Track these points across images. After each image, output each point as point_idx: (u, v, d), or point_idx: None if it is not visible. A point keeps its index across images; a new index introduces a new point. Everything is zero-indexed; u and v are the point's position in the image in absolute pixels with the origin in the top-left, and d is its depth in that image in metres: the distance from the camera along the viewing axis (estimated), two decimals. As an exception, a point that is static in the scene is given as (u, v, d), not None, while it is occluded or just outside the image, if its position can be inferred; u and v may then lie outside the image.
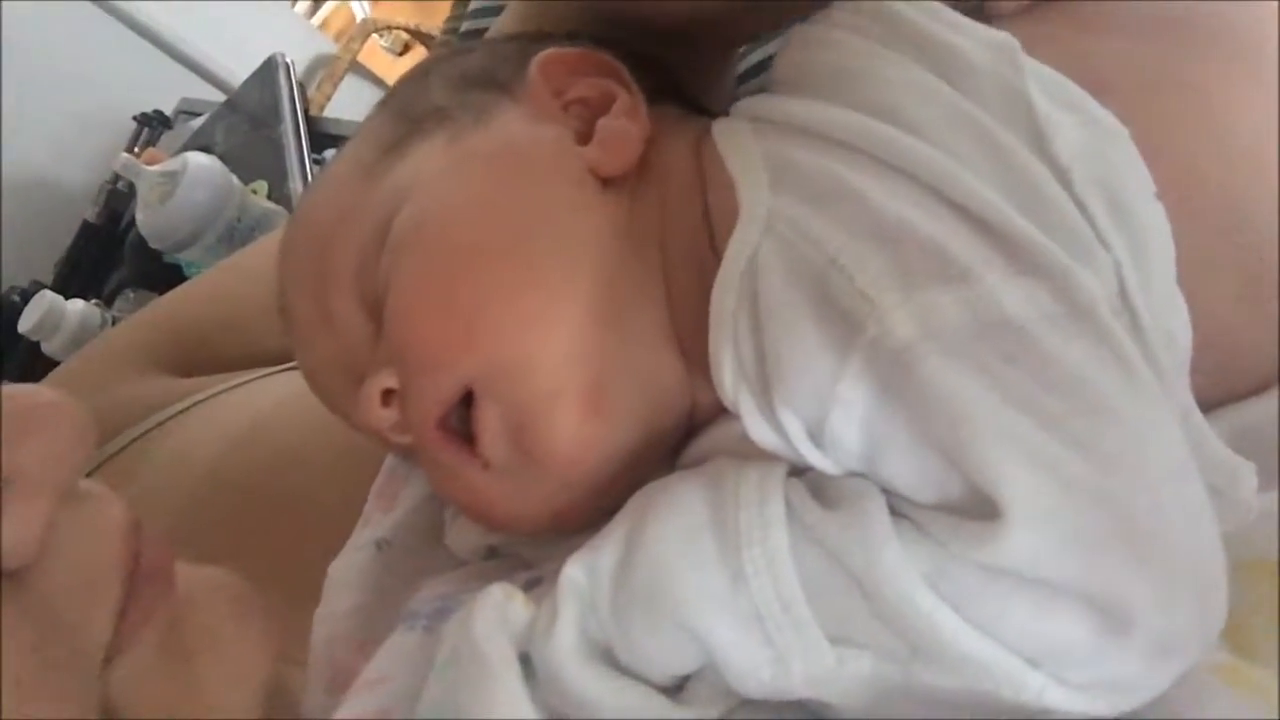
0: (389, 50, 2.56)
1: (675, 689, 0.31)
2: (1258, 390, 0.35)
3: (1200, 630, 0.26)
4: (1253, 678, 0.27)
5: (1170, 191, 0.32)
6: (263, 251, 0.73)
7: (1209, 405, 0.33)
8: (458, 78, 0.42)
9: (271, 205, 1.21)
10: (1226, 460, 0.31)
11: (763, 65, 0.44)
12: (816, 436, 0.29)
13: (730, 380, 0.31)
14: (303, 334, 0.41)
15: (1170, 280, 0.32)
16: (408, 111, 0.42)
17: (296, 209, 0.45)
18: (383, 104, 0.45)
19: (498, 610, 0.31)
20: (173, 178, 1.14)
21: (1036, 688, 0.26)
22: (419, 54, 2.48)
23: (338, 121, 1.41)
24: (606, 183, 0.38)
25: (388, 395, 0.36)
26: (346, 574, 0.43)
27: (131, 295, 1.33)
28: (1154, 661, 0.26)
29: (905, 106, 0.33)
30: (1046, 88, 0.33)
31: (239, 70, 1.70)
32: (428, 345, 0.35)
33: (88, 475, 0.35)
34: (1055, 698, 0.26)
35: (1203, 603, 0.26)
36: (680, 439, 0.37)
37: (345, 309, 0.39)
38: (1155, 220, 0.32)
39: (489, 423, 0.35)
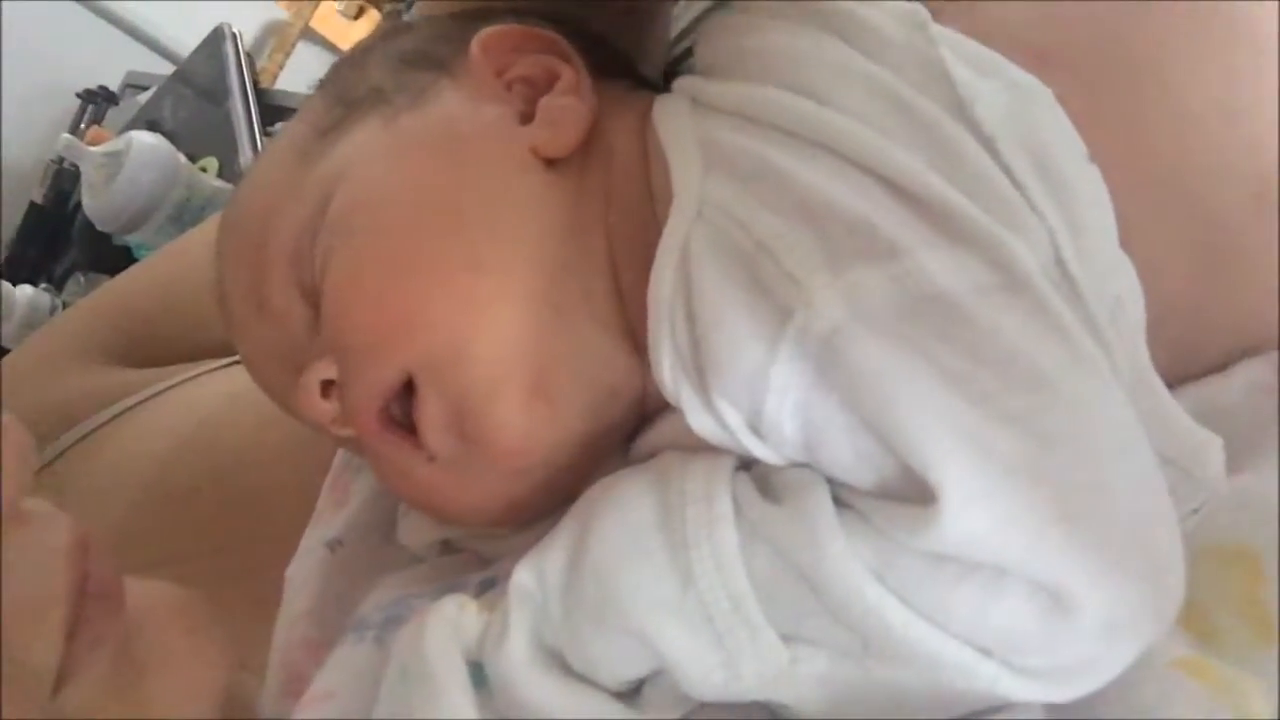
0: (343, 14, 2.50)
1: (631, 693, 0.30)
2: (1223, 366, 0.34)
3: (1152, 608, 0.25)
4: (1221, 674, 0.27)
5: (1117, 162, 0.31)
6: (207, 235, 0.71)
7: (1173, 382, 0.33)
8: (396, 58, 0.41)
9: (221, 183, 1.18)
10: (1191, 433, 0.30)
11: (699, 22, 0.42)
12: (756, 426, 0.28)
13: (669, 373, 0.30)
14: (241, 323, 0.40)
15: (1111, 243, 0.31)
16: (345, 93, 0.40)
17: (233, 193, 0.43)
18: (321, 85, 0.43)
19: (449, 624, 0.30)
20: (116, 159, 1.11)
21: (989, 676, 0.25)
22: (374, 18, 2.42)
23: (289, 94, 1.38)
24: (550, 163, 0.37)
25: (328, 386, 0.35)
26: (301, 577, 0.42)
27: (83, 279, 1.30)
28: (1105, 643, 0.25)
29: (824, 81, 0.32)
30: (962, 54, 0.32)
31: (188, 39, 1.65)
32: (364, 333, 0.34)
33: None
34: (1009, 686, 0.25)
35: (1153, 579, 0.25)
36: (634, 426, 0.36)
37: (282, 297, 0.37)
38: (1089, 183, 0.31)
39: (431, 413, 0.34)
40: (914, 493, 0.25)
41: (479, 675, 0.30)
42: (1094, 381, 0.26)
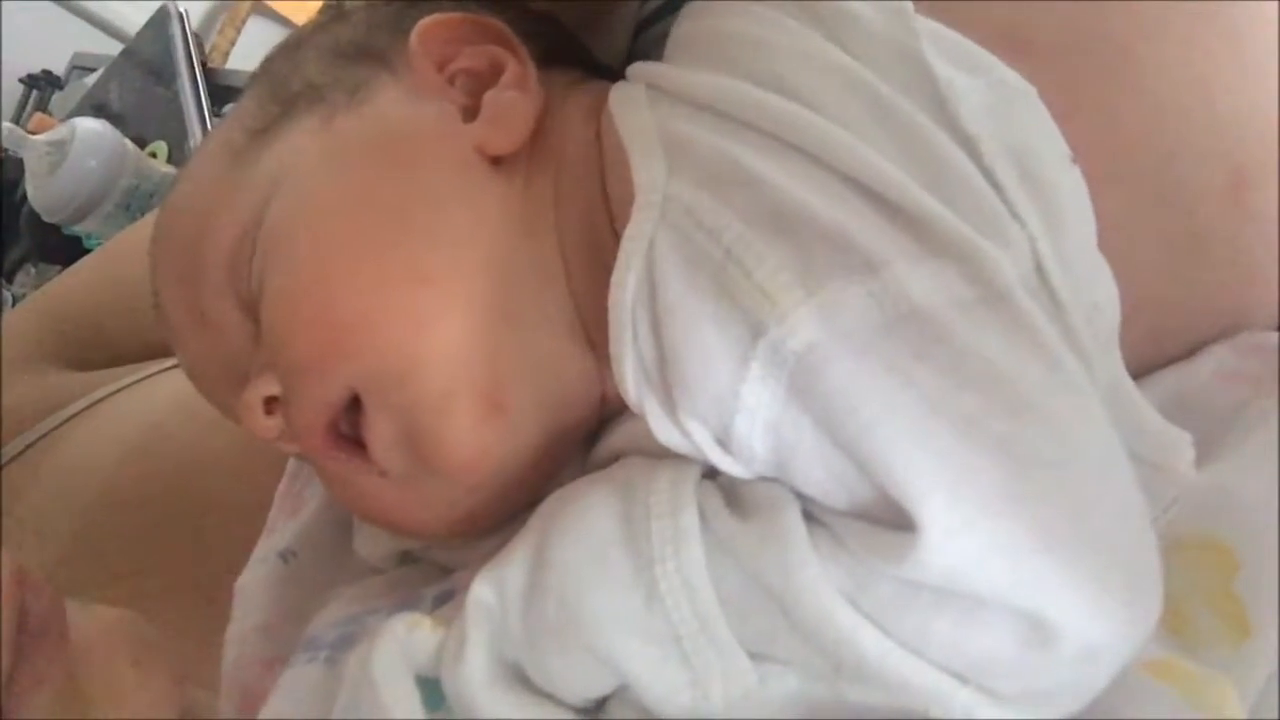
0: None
1: (595, 710, 0.29)
2: (1191, 353, 0.34)
3: (1132, 629, 0.25)
4: (1193, 675, 0.26)
5: (1093, 152, 0.30)
6: (149, 229, 0.69)
7: (1141, 370, 0.32)
8: (332, 50, 0.39)
9: (171, 169, 1.14)
10: (1162, 432, 0.29)
11: (666, 9, 0.41)
12: (724, 443, 0.27)
13: (633, 384, 0.29)
14: (180, 334, 0.38)
15: (1090, 248, 0.30)
16: (279, 90, 0.38)
17: (166, 198, 0.41)
18: (255, 80, 0.41)
19: (399, 645, 0.29)
20: (60, 147, 1.07)
21: (965, 702, 0.24)
22: (327, -8, 2.36)
23: (240, 73, 1.34)
24: (496, 162, 0.35)
25: (271, 402, 0.34)
26: (253, 589, 0.41)
27: (33, 270, 1.26)
28: (1084, 667, 0.25)
29: (801, 77, 0.30)
30: (946, 51, 0.31)
31: (137, 17, 1.60)
32: (305, 350, 0.33)
33: None
34: (986, 711, 0.25)
35: (1134, 601, 0.25)
36: (595, 426, 0.35)
37: (220, 309, 0.36)
38: (1070, 187, 0.30)
39: (379, 429, 0.32)
40: (891, 517, 0.24)
41: (435, 693, 0.29)
42: (1075, 399, 0.26)
